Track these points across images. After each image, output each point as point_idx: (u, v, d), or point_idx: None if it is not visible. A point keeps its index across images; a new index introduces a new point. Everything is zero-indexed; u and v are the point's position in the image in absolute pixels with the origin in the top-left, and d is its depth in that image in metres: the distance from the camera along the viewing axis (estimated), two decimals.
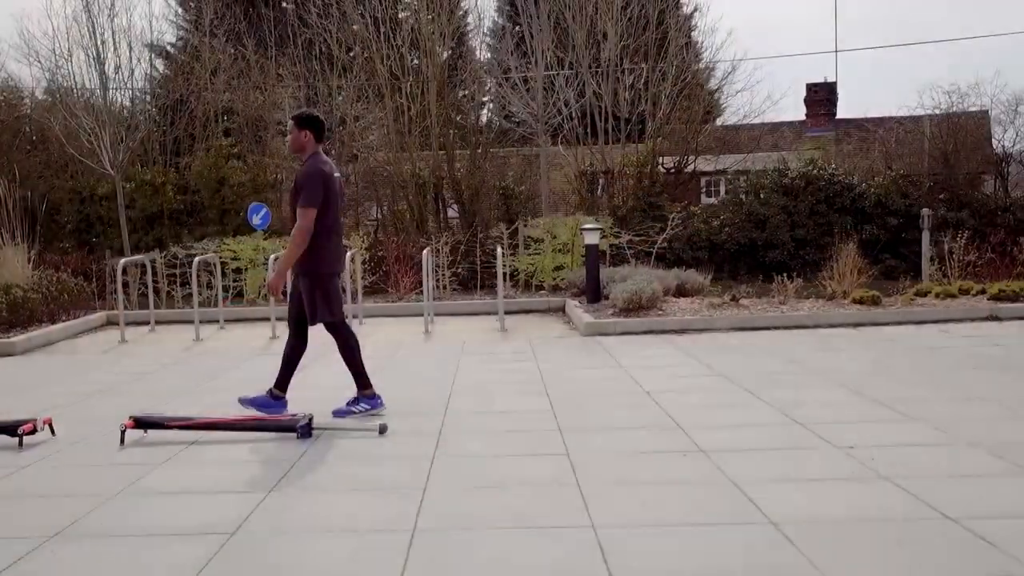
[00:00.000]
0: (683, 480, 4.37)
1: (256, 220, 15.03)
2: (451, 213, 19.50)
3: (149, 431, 5.60)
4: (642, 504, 4.03)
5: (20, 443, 5.41)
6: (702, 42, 24.56)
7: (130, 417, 5.56)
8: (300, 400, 6.15)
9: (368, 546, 3.64)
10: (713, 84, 21.51)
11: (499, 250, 10.31)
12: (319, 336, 6.25)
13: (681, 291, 10.87)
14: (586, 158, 19.53)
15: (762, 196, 17.64)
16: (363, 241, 12.68)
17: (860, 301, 9.88)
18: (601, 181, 19.83)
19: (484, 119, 21.51)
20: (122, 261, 10.75)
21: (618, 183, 19.65)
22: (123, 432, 5.43)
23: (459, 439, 5.34)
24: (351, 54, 20.78)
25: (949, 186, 17.57)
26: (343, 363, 6.09)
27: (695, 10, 25.54)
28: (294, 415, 5.61)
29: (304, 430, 5.42)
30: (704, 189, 22.29)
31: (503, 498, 4.18)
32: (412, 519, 3.92)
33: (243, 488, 4.49)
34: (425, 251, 10.44)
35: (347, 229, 17.98)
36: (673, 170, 20.21)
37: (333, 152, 19.38)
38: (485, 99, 26.86)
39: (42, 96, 22.36)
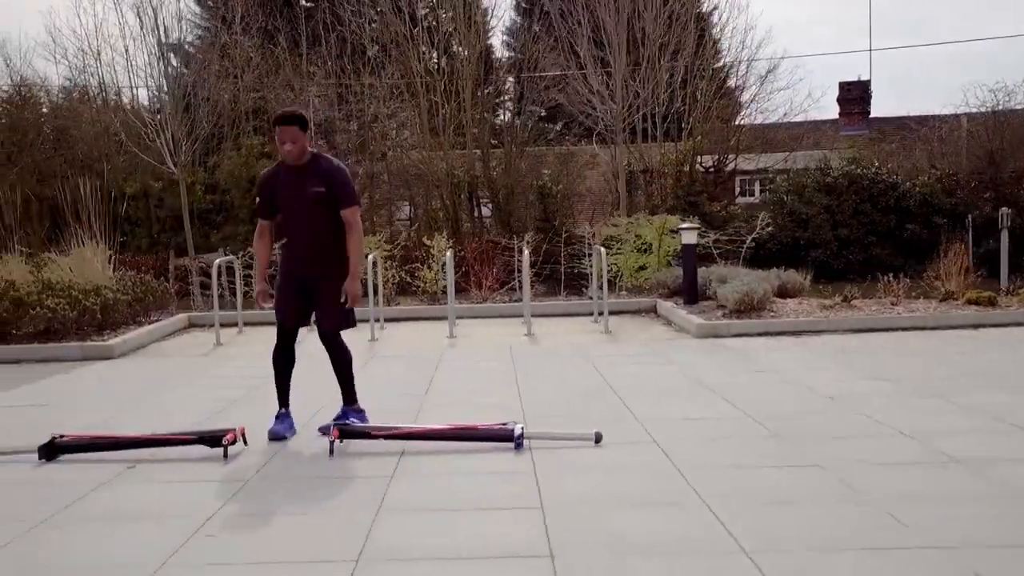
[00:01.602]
0: (979, 496, 4.18)
1: None
2: (484, 212, 19.33)
3: (345, 439, 5.34)
4: (959, 522, 3.83)
5: (225, 454, 5.14)
6: (742, 41, 24.51)
7: (334, 425, 5.31)
8: (432, 408, 5.92)
9: (708, 570, 3.42)
10: (752, 81, 21.35)
11: (602, 251, 10.10)
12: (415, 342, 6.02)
13: (782, 292, 10.72)
14: (623, 157, 19.37)
15: (805, 195, 17.55)
16: (447, 241, 12.41)
17: (975, 302, 9.77)
18: (640, 180, 19.69)
19: (520, 117, 21.24)
20: (216, 261, 10.42)
21: (656, 182, 19.51)
22: (332, 443, 5.17)
23: (686, 448, 5.11)
24: (380, 47, 20.46)
25: (995, 185, 17.57)
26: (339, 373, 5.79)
27: (714, 8, 25.44)
28: (504, 424, 5.37)
29: (520, 440, 5.19)
30: (739, 188, 22.18)
31: (808, 514, 3.97)
32: (727, 538, 3.71)
33: (508, 503, 4.24)
34: (526, 251, 10.21)
35: (381, 227, 17.78)
36: (712, 169, 20.10)
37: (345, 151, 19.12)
38: (505, 97, 26.70)
39: (62, 95, 21.90)
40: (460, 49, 21.17)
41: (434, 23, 21.19)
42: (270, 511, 4.26)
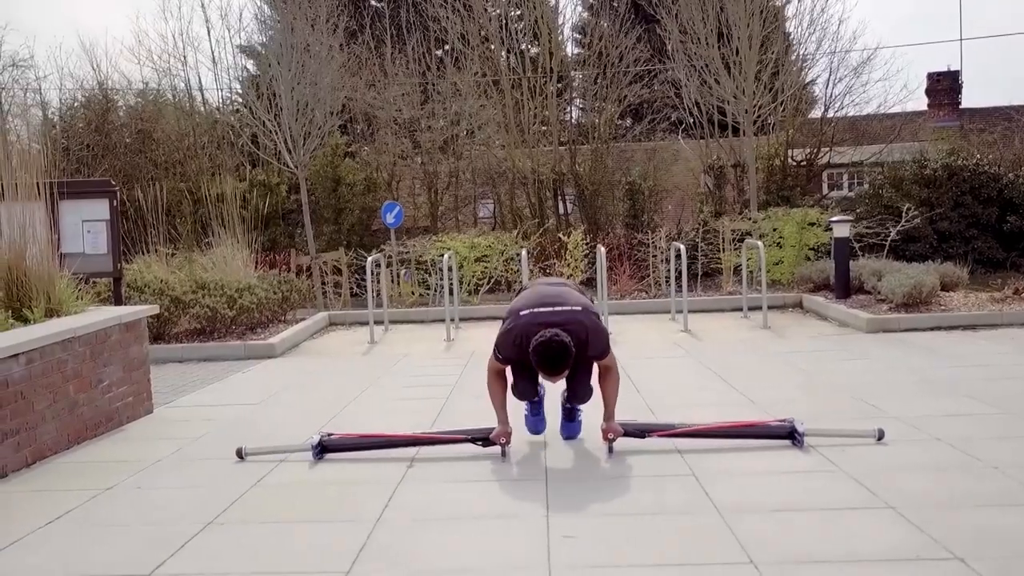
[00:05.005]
0: None
1: (390, 218, 14.78)
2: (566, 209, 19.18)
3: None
4: None
5: (503, 453, 4.97)
6: (835, 32, 24.19)
7: (605, 424, 5.12)
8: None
9: None
10: (844, 73, 20.94)
11: (760, 245, 9.88)
12: None
13: (942, 285, 10.42)
14: (712, 151, 19.11)
15: (903, 188, 17.16)
16: (583, 237, 12.24)
17: None
18: (731, 175, 19.40)
19: (603, 114, 20.99)
20: (370, 259, 10.32)
21: (747, 176, 19.20)
22: (611, 443, 4.99)
23: (983, 445, 4.83)
24: (465, 43, 20.31)
25: None
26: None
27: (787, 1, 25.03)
28: (783, 421, 5.17)
29: (802, 438, 4.98)
30: (828, 182, 21.81)
31: None
32: None
33: (852, 503, 4.00)
34: (680, 245, 10.01)
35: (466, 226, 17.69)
36: (804, 163, 19.79)
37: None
38: (574, 95, 26.45)
39: (141, 98, 21.97)
40: (529, 47, 21.02)
41: (509, 21, 21.03)
42: (600, 511, 4.08)
